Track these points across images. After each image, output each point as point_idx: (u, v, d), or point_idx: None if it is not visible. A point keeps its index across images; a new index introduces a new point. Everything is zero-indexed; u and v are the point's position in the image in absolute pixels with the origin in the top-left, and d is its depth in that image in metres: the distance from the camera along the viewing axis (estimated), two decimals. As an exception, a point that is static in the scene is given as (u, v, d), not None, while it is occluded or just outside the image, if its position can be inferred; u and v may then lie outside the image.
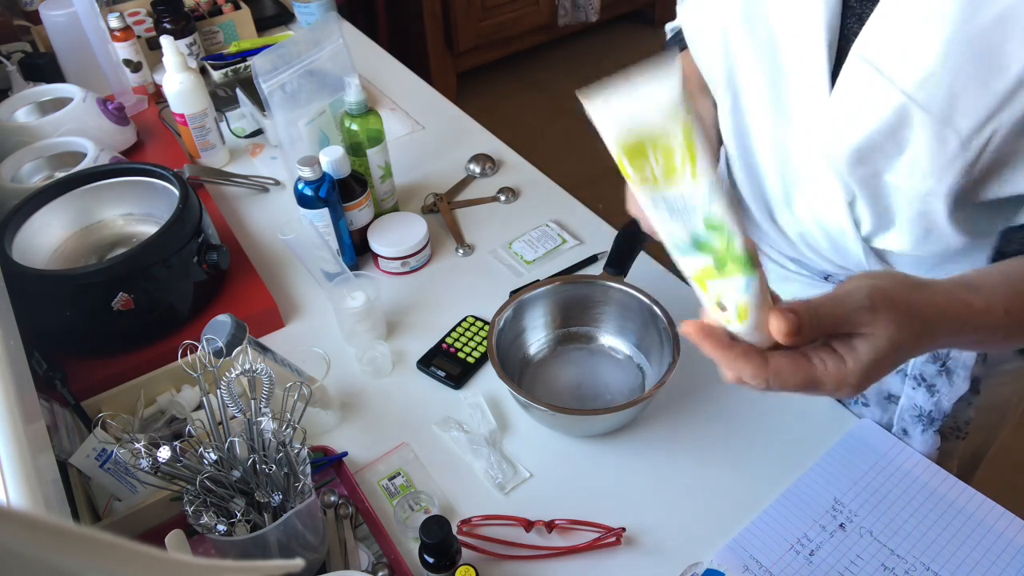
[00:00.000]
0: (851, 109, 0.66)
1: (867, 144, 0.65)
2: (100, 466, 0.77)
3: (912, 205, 0.68)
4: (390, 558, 0.77)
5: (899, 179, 0.67)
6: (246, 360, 0.72)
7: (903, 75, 0.60)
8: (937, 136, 0.61)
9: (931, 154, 0.62)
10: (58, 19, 1.39)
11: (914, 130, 0.62)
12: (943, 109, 0.59)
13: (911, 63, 0.60)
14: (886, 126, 0.63)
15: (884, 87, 0.62)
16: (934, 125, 0.61)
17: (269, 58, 1.07)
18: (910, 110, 0.61)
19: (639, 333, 0.93)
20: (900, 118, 0.62)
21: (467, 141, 1.35)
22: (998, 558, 0.74)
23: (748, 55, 0.72)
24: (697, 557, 0.76)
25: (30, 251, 0.98)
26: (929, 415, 0.85)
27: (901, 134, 0.63)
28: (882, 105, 0.63)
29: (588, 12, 3.22)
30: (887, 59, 0.61)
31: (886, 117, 0.63)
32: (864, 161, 0.67)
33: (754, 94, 0.74)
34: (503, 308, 0.91)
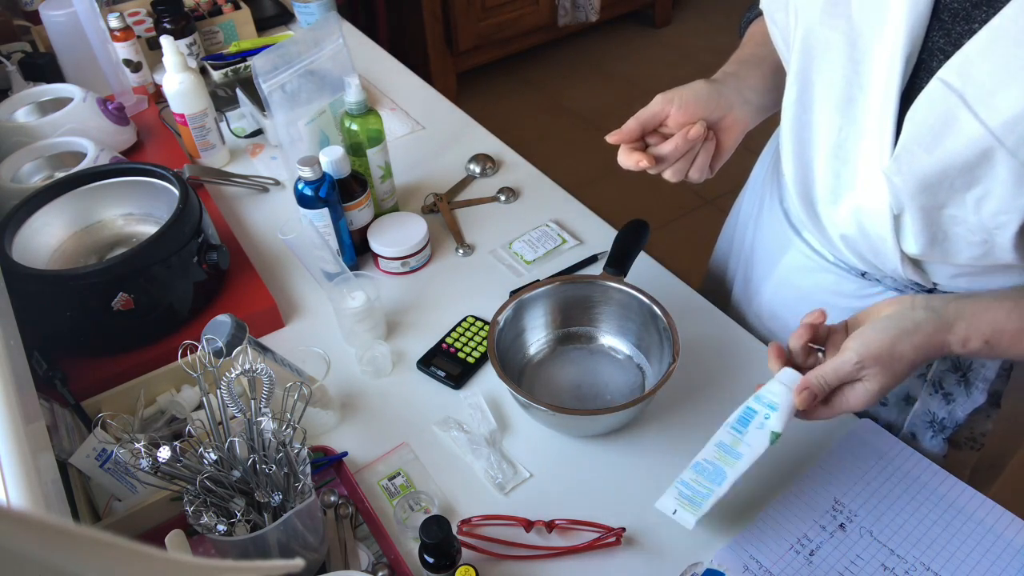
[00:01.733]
0: (929, 134, 0.64)
1: (940, 173, 0.64)
2: (100, 466, 0.77)
3: (974, 234, 0.68)
4: (390, 558, 0.77)
5: (962, 212, 0.67)
6: (246, 360, 0.72)
7: (991, 112, 0.59)
8: (1018, 179, 0.60)
9: (1007, 195, 0.62)
10: (58, 19, 1.39)
11: (994, 169, 0.61)
12: None
13: (1002, 100, 0.58)
14: (964, 160, 0.62)
15: (968, 120, 0.60)
16: (1017, 169, 0.60)
17: (269, 58, 1.07)
18: (994, 149, 0.60)
19: (639, 333, 0.93)
20: (981, 155, 0.61)
21: (467, 141, 1.35)
22: (998, 558, 0.74)
23: (825, 48, 0.70)
24: (697, 557, 0.76)
25: (30, 251, 0.98)
26: (942, 423, 0.85)
27: (978, 170, 0.62)
28: (964, 138, 0.61)
29: (588, 12, 3.22)
30: (975, 92, 0.60)
31: (964, 152, 0.62)
32: (930, 188, 0.66)
33: (824, 89, 0.73)
34: (503, 308, 0.91)
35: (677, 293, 1.05)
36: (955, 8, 0.62)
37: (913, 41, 0.63)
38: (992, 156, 0.60)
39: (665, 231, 2.52)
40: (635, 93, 0.93)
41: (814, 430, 0.86)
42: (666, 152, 0.78)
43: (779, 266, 0.95)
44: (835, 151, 0.74)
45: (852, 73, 0.69)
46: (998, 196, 0.63)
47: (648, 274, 1.06)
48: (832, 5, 0.67)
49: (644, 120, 0.79)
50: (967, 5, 0.61)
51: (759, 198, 1.02)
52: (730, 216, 1.14)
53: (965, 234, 0.69)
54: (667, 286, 1.05)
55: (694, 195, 2.65)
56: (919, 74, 0.65)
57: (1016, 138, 0.58)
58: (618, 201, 1.73)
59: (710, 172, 0.82)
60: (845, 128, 0.72)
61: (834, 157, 0.75)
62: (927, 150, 0.64)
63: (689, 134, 0.77)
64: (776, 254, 0.95)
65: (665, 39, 3.49)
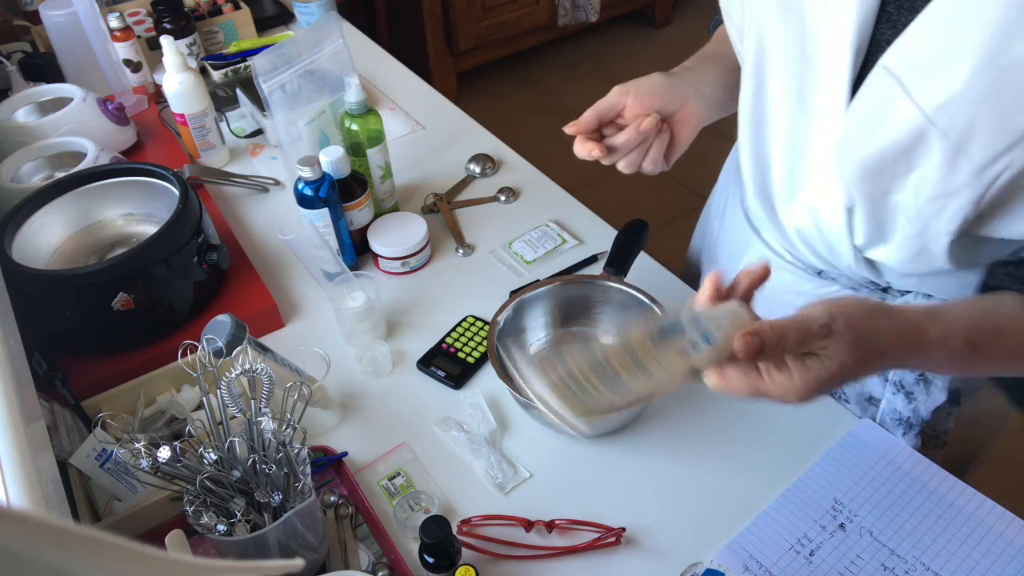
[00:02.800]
0: (868, 120, 0.65)
1: (878, 158, 0.65)
2: (100, 466, 0.77)
3: (911, 224, 0.68)
4: (390, 558, 0.77)
5: (903, 198, 0.67)
6: (246, 360, 0.72)
7: (926, 95, 0.60)
8: (950, 162, 0.61)
9: (940, 179, 0.62)
10: (58, 19, 1.39)
11: (928, 152, 0.62)
12: (961, 136, 0.59)
13: (936, 84, 0.59)
14: (900, 144, 0.63)
15: (905, 104, 0.61)
16: (949, 150, 0.60)
17: (269, 58, 1.07)
18: (927, 132, 0.60)
19: None
20: (916, 138, 0.61)
21: (467, 141, 1.35)
22: (998, 558, 0.74)
23: (778, 42, 0.71)
24: (697, 557, 0.76)
25: (30, 251, 0.98)
26: (908, 420, 0.85)
27: (914, 154, 0.63)
28: (900, 122, 0.62)
29: (588, 12, 3.22)
30: (912, 76, 0.60)
31: (902, 134, 0.62)
32: (871, 174, 0.67)
33: (778, 83, 0.73)
34: (503, 308, 0.91)
35: (677, 293, 1.05)
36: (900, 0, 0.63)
37: (862, 34, 0.64)
38: (926, 138, 0.61)
39: (665, 231, 2.52)
40: (635, 93, 0.94)
41: (814, 430, 0.86)
42: (619, 143, 0.80)
43: (740, 264, 0.95)
44: (790, 146, 0.75)
45: (804, 67, 0.69)
46: (933, 181, 0.63)
47: (648, 274, 1.06)
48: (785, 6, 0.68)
49: (601, 111, 0.82)
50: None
51: (725, 196, 1.04)
52: (703, 211, 1.15)
53: (904, 224, 0.69)
54: (667, 286, 1.05)
55: (694, 195, 2.65)
56: (868, 67, 0.65)
57: (948, 120, 0.59)
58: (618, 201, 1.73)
59: (665, 164, 0.84)
60: (798, 123, 0.73)
61: (789, 152, 0.76)
62: (866, 135, 0.65)
63: (641, 126, 0.79)
64: (738, 252, 0.96)
65: (665, 39, 3.49)
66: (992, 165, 0.59)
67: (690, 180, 2.68)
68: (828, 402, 0.90)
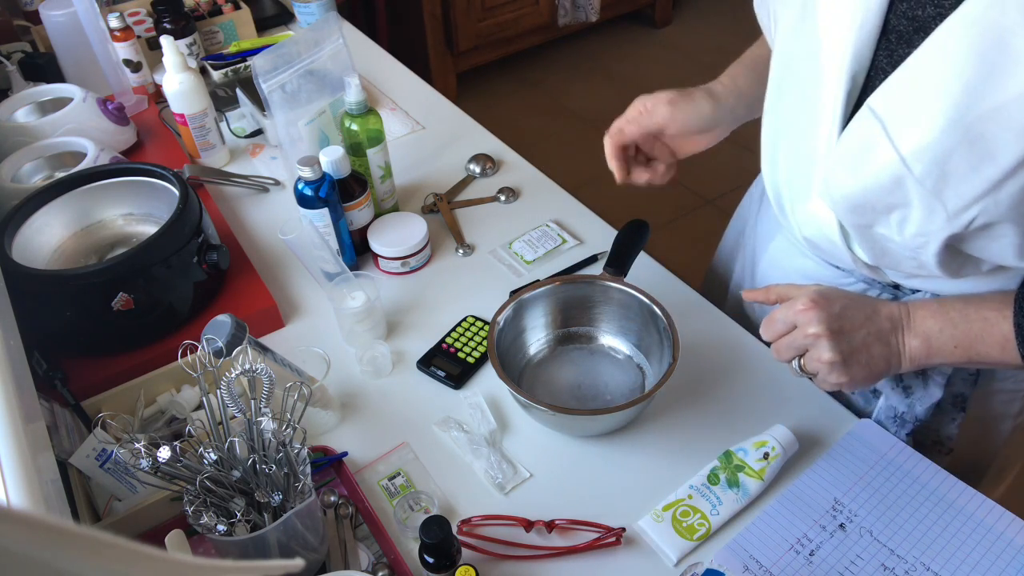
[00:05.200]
0: (853, 158, 0.66)
1: (862, 195, 0.67)
2: (100, 466, 0.77)
3: (901, 252, 0.71)
4: (390, 558, 0.77)
5: (888, 232, 0.69)
6: (246, 360, 0.72)
7: (904, 140, 0.61)
8: (927, 206, 0.63)
9: (920, 220, 0.64)
10: (58, 19, 1.39)
11: (907, 195, 0.63)
12: (935, 183, 0.61)
13: (914, 131, 0.60)
14: (881, 185, 0.64)
15: (886, 147, 0.62)
16: (925, 196, 0.62)
17: (269, 58, 1.07)
18: (904, 177, 0.62)
19: (639, 333, 0.93)
20: (895, 182, 0.63)
21: (467, 141, 1.35)
22: (998, 558, 0.74)
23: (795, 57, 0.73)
24: (697, 557, 0.76)
25: (30, 251, 0.98)
26: (902, 417, 0.86)
27: (894, 196, 0.64)
28: (881, 164, 0.63)
29: (588, 12, 3.22)
30: (895, 119, 0.62)
31: (882, 177, 0.64)
32: (857, 209, 0.69)
33: (794, 98, 0.75)
34: (503, 308, 0.91)
35: (677, 293, 1.05)
36: (900, 30, 0.63)
37: (859, 60, 0.65)
38: (904, 183, 0.63)
39: (665, 231, 2.52)
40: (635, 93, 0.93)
41: (814, 430, 0.86)
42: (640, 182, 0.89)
43: (770, 248, 0.98)
44: (796, 157, 0.77)
45: (815, 85, 0.70)
46: (915, 220, 0.65)
47: (648, 274, 1.06)
48: (803, 18, 0.69)
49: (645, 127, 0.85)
50: (910, 29, 0.62)
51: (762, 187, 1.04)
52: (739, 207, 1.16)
53: (898, 251, 0.72)
54: (667, 286, 1.05)
55: (694, 195, 2.65)
56: (867, 92, 0.66)
57: (923, 168, 0.60)
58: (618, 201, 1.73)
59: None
60: (806, 136, 0.74)
61: (796, 163, 0.77)
62: (851, 173, 0.66)
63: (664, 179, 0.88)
64: (770, 236, 0.99)
65: (665, 39, 3.49)
66: (966, 211, 0.61)
67: (690, 180, 2.68)
68: (828, 402, 0.90)
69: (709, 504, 0.79)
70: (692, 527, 0.77)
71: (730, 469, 0.81)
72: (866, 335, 0.71)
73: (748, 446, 0.82)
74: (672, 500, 0.80)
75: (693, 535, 0.77)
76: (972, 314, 0.70)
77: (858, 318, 0.72)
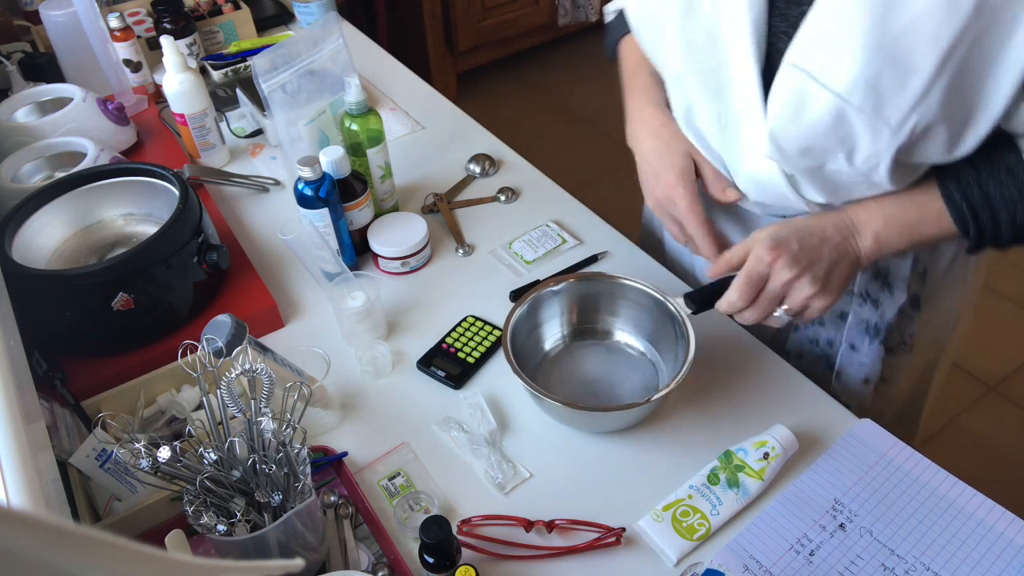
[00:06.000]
0: (791, 111, 0.72)
1: (809, 139, 0.72)
2: (100, 466, 0.77)
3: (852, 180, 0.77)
4: (390, 558, 0.77)
5: (839, 167, 0.75)
6: (246, 360, 0.72)
7: (834, 79, 0.67)
8: (872, 128, 0.68)
9: (868, 144, 0.70)
10: (58, 19, 1.39)
11: (851, 126, 0.69)
12: (874, 106, 0.67)
13: (840, 68, 0.66)
14: (825, 124, 0.70)
15: (819, 91, 0.68)
16: (868, 120, 0.68)
17: (269, 58, 1.07)
18: (845, 110, 0.68)
19: (653, 330, 0.93)
20: (837, 117, 0.69)
21: (467, 141, 1.35)
22: (998, 558, 0.74)
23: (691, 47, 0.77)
24: (697, 557, 0.76)
25: (30, 251, 0.98)
26: (875, 326, 0.94)
27: (840, 131, 0.70)
28: (820, 107, 0.69)
29: (588, 12, 3.22)
30: (818, 65, 0.68)
31: (824, 118, 0.69)
32: (806, 153, 0.74)
33: (699, 86, 0.80)
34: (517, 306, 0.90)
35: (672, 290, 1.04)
36: None
37: (758, 29, 0.72)
38: (845, 115, 0.68)
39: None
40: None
41: (814, 430, 0.86)
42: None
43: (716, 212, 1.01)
44: (722, 135, 0.82)
45: (718, 65, 0.76)
46: (862, 147, 0.71)
47: (651, 273, 1.06)
48: (688, 9, 0.75)
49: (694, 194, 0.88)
50: None
51: None
52: None
53: (848, 180, 0.78)
54: (660, 282, 1.05)
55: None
56: (772, 55, 0.73)
57: (860, 96, 0.66)
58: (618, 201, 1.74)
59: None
60: (724, 115, 0.80)
61: (723, 140, 0.82)
62: (793, 123, 0.72)
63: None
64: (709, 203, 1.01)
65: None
66: (906, 121, 0.67)
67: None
68: (828, 402, 0.90)
69: (709, 504, 0.79)
70: (692, 527, 0.77)
71: (730, 469, 0.81)
72: (828, 254, 0.77)
73: (748, 446, 0.82)
74: (672, 500, 0.80)
75: (693, 535, 0.77)
76: (907, 203, 0.78)
77: (814, 243, 0.77)
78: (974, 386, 2.06)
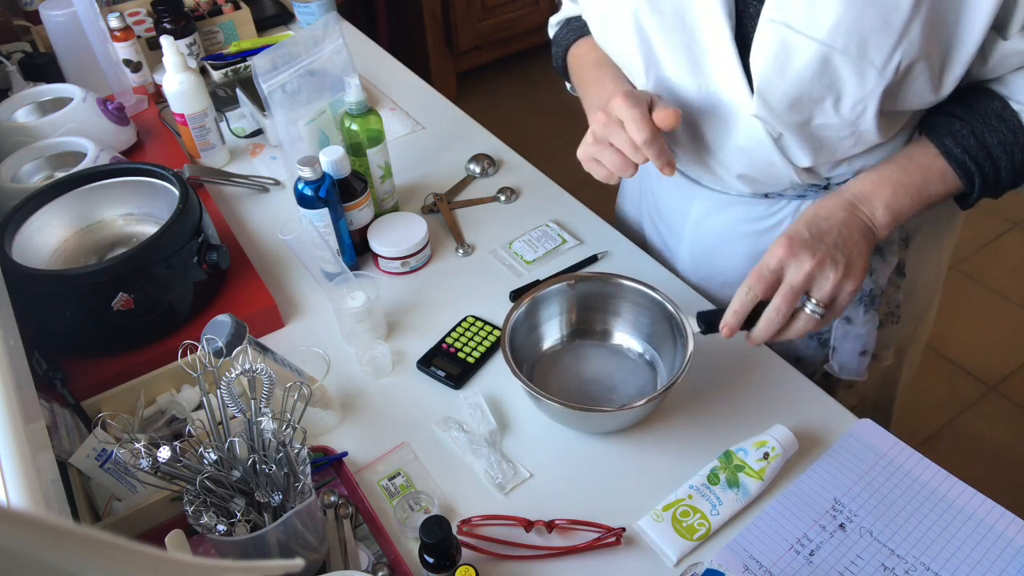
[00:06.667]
0: (775, 65, 0.73)
1: (797, 90, 0.73)
2: (100, 466, 0.77)
3: (842, 131, 0.78)
4: (390, 558, 0.77)
5: (826, 119, 0.76)
6: (246, 360, 0.72)
7: (816, 27, 0.68)
8: (858, 71, 0.70)
9: (855, 88, 0.71)
10: (58, 19, 1.39)
11: (837, 71, 0.70)
12: (858, 47, 0.68)
13: (821, 16, 0.68)
14: (811, 72, 0.71)
15: (801, 41, 0.70)
16: (853, 63, 0.69)
17: (269, 58, 1.07)
18: (830, 55, 0.69)
19: (651, 330, 0.93)
20: (823, 64, 0.70)
21: (467, 141, 1.35)
22: (998, 558, 0.74)
23: (660, 32, 0.78)
24: (697, 557, 0.76)
25: (30, 251, 0.98)
26: (871, 294, 0.95)
27: (826, 77, 0.71)
28: (804, 56, 0.70)
29: (588, 12, 3.22)
30: (797, 17, 0.69)
31: (810, 65, 0.71)
32: (795, 106, 0.75)
33: (672, 63, 0.80)
34: (516, 306, 0.90)
35: (672, 290, 1.04)
36: None
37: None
38: (831, 60, 0.70)
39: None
40: (635, 93, 0.96)
41: (814, 430, 0.86)
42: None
43: (690, 215, 1.01)
44: (702, 109, 0.82)
45: (690, 40, 0.77)
46: (849, 92, 0.72)
47: (651, 273, 1.06)
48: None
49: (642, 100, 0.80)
50: None
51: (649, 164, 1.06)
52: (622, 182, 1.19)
53: (835, 135, 0.79)
54: (659, 281, 1.05)
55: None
56: (743, 21, 0.74)
57: (844, 39, 0.68)
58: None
59: None
60: (703, 86, 0.80)
61: (705, 113, 0.82)
62: (780, 76, 0.73)
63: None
64: (685, 206, 1.01)
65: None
66: (890, 60, 0.69)
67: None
68: (828, 402, 0.90)
69: (709, 504, 0.79)
70: (692, 527, 0.77)
71: (730, 469, 0.81)
72: (839, 232, 0.75)
73: (748, 446, 0.82)
74: (672, 500, 0.80)
75: (693, 535, 0.77)
76: (908, 167, 0.79)
77: (825, 226, 0.76)
78: (974, 386, 2.06)
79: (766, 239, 0.95)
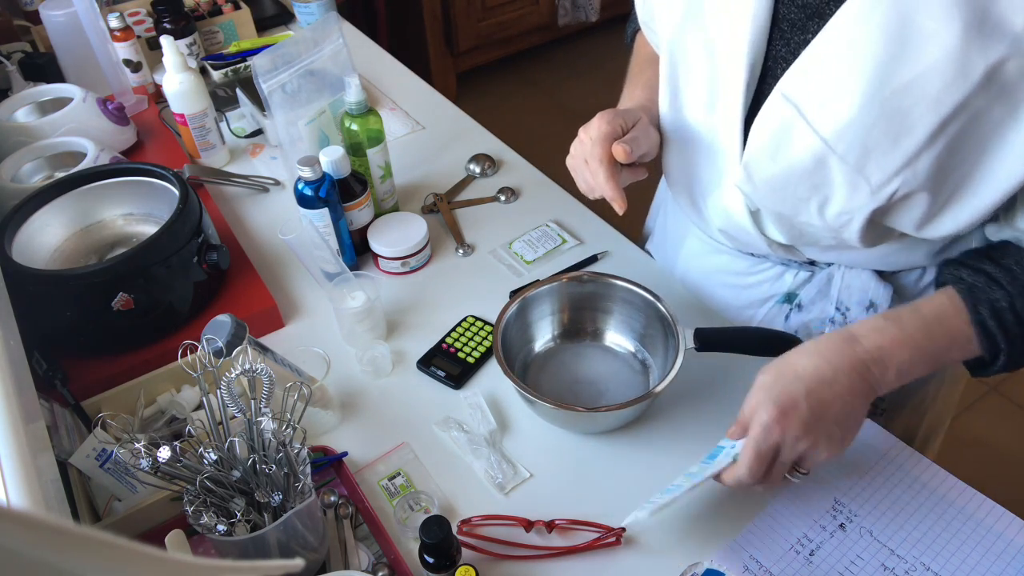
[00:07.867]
0: (772, 143, 0.68)
1: (783, 178, 0.69)
2: (100, 466, 0.77)
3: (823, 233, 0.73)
4: (390, 558, 0.77)
5: (809, 218, 0.71)
6: (246, 360, 0.72)
7: (823, 122, 0.63)
8: (851, 183, 0.65)
9: (844, 198, 0.66)
10: (58, 19, 1.39)
11: (830, 174, 0.65)
12: (858, 159, 0.63)
13: (831, 111, 0.62)
14: (803, 167, 0.66)
15: (805, 130, 0.64)
16: (849, 173, 0.64)
17: (269, 58, 1.07)
18: (827, 156, 0.64)
19: (644, 331, 0.93)
20: (817, 162, 0.65)
21: (467, 141, 1.35)
22: (998, 558, 0.74)
23: (687, 54, 0.75)
24: (697, 557, 0.76)
25: (30, 251, 0.98)
26: None
27: (817, 177, 0.66)
28: (802, 146, 0.65)
29: (588, 12, 3.22)
30: (810, 103, 0.64)
31: (804, 158, 0.66)
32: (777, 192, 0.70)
33: (692, 94, 0.77)
34: (509, 305, 0.91)
35: (672, 293, 1.04)
36: (792, 19, 0.66)
37: (755, 50, 0.68)
38: (826, 162, 0.64)
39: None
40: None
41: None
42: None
43: (683, 249, 1.02)
44: (707, 150, 0.79)
45: (713, 78, 0.73)
46: (837, 200, 0.67)
47: (651, 273, 1.06)
48: (691, 15, 0.71)
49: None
50: (802, 16, 0.65)
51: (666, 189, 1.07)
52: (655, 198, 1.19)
53: (817, 232, 0.74)
54: (660, 286, 1.05)
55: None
56: (766, 80, 0.69)
57: (845, 145, 0.62)
58: (618, 201, 1.75)
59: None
60: (712, 129, 0.76)
61: (705, 158, 0.79)
62: (771, 157, 0.68)
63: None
64: (680, 238, 1.02)
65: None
66: (888, 184, 0.63)
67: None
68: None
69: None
70: None
71: None
72: (843, 405, 0.68)
73: None
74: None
75: None
76: (936, 330, 0.69)
77: (828, 396, 0.67)
78: (974, 386, 2.06)
79: (749, 294, 0.93)
